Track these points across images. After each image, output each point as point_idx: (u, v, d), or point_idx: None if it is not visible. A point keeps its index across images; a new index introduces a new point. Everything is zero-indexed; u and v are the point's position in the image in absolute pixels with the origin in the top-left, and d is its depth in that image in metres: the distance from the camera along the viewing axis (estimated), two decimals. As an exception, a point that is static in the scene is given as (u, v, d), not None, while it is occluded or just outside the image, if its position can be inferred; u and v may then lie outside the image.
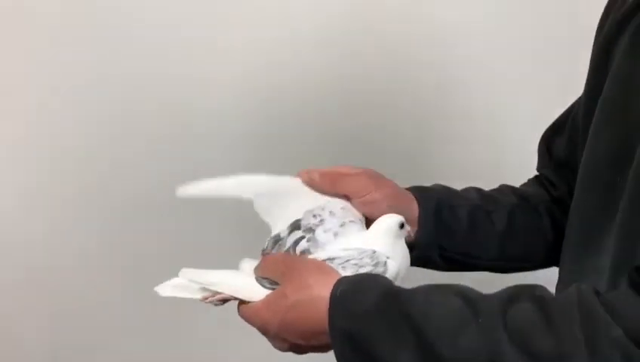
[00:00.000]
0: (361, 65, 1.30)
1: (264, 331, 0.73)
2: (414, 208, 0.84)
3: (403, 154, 1.32)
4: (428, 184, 0.90)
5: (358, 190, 0.81)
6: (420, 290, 0.67)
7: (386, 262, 0.75)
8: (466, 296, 0.65)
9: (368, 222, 0.80)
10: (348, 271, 0.73)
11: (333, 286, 0.69)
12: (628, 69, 0.73)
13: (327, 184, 0.81)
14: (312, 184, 0.81)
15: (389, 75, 1.31)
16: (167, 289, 0.76)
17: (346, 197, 0.82)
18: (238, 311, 0.75)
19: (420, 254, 0.83)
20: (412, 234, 0.81)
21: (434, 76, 1.32)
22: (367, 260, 0.74)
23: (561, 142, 0.92)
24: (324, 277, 0.71)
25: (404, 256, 0.77)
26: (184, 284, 0.76)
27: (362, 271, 0.73)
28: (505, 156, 1.34)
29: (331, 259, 0.74)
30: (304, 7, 1.28)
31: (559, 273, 0.82)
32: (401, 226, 0.77)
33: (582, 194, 0.78)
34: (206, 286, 0.75)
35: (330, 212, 0.79)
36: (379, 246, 0.75)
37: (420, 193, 0.86)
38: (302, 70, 1.28)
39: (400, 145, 1.33)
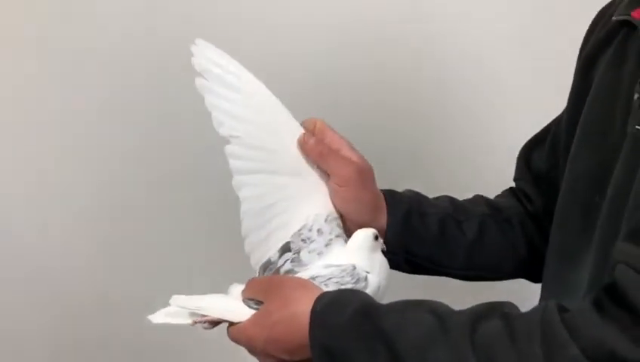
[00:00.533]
0: (362, 65, 1.30)
1: (251, 349, 0.76)
2: (383, 218, 0.85)
3: (402, 154, 1.33)
4: (423, 184, 0.93)
5: (339, 178, 0.82)
6: (395, 307, 0.70)
7: (366, 277, 0.77)
8: (438, 312, 0.67)
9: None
10: (330, 289, 0.75)
11: (314, 302, 0.71)
12: (609, 83, 0.75)
13: (315, 153, 0.81)
14: (303, 147, 0.81)
15: (390, 73, 1.31)
16: (159, 316, 0.79)
17: (326, 174, 0.82)
18: (227, 332, 0.77)
19: (386, 257, 0.83)
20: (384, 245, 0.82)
21: (435, 74, 1.32)
22: (347, 278, 0.76)
23: (540, 155, 0.93)
24: (306, 293, 0.73)
25: (383, 268, 0.80)
26: (175, 311, 0.79)
27: (344, 288, 0.76)
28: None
29: (314, 278, 0.77)
30: (303, 7, 1.28)
31: (542, 287, 0.85)
32: (376, 238, 0.79)
33: (563, 211, 0.80)
34: (195, 311, 0.78)
35: (319, 230, 0.81)
36: (358, 261, 0.78)
37: (391, 197, 0.87)
38: (301, 70, 1.28)
39: (398, 144, 1.33)
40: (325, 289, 0.75)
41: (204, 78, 0.79)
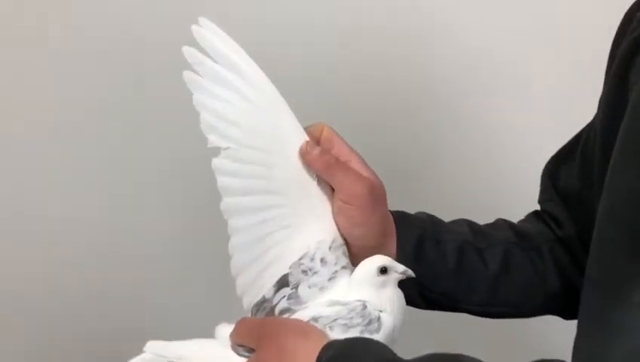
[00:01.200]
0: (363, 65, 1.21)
1: None
2: (392, 244, 0.74)
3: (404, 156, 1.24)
4: (423, 191, 0.82)
5: (346, 195, 0.70)
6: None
7: (379, 317, 0.65)
8: None
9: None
10: (336, 333, 0.64)
11: (318, 355, 0.60)
12: None
13: (320, 165, 0.69)
14: (306, 157, 0.69)
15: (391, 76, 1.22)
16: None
17: (330, 191, 0.70)
18: None
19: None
20: (406, 273, 0.69)
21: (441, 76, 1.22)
22: (357, 319, 0.64)
23: (569, 173, 0.81)
24: (305, 342, 0.62)
25: (398, 305, 0.67)
26: (151, 359, 0.67)
27: (352, 331, 0.64)
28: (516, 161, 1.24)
29: (316, 319, 0.65)
30: (301, 6, 1.19)
31: (579, 325, 0.70)
32: (383, 271, 0.66)
33: (603, 237, 0.66)
34: (174, 361, 0.67)
35: (322, 260, 0.69)
36: (368, 296, 0.66)
37: (402, 220, 0.75)
38: (300, 69, 1.19)
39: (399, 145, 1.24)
40: (330, 333, 0.63)
41: (196, 72, 0.67)
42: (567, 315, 0.81)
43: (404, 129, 1.21)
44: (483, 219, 0.85)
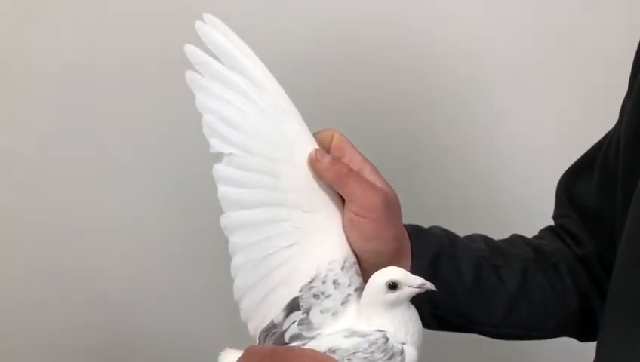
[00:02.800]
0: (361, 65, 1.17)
1: None
2: (406, 261, 0.68)
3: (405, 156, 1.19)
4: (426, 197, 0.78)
5: (360, 207, 0.63)
6: None
7: (402, 351, 0.60)
8: None
9: None
10: None
11: None
12: None
13: (331, 174, 0.63)
14: (315, 165, 0.63)
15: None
16: None
17: (341, 204, 0.65)
18: None
19: None
20: (423, 286, 0.62)
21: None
22: (379, 355, 0.58)
23: (587, 187, 0.77)
24: None
25: (417, 331, 0.61)
26: None
27: None
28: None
29: (333, 351, 0.59)
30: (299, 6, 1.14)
31: (600, 346, 0.67)
32: (392, 287, 0.60)
33: (633, 250, 0.62)
34: None
35: (335, 281, 0.63)
36: (388, 326, 0.60)
37: (417, 235, 0.70)
38: (299, 70, 1.13)
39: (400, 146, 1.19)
40: None
41: (198, 72, 0.62)
42: (583, 337, 0.77)
43: (409, 132, 1.18)
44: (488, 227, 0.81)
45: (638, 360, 0.57)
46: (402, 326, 0.60)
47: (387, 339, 0.59)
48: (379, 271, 0.61)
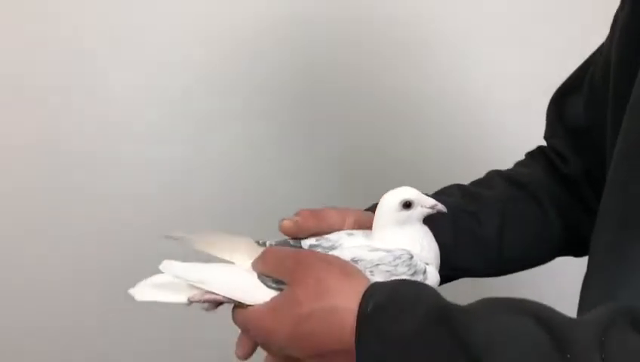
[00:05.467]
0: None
1: (266, 343, 0.59)
2: None
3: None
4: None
5: (338, 221, 0.66)
6: (480, 309, 0.51)
7: (425, 270, 0.60)
8: (545, 319, 0.48)
9: None
10: (377, 279, 0.58)
11: (363, 296, 0.54)
12: None
13: (311, 221, 0.66)
14: (295, 231, 0.65)
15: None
16: (145, 291, 0.59)
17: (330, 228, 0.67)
18: (233, 316, 0.60)
19: None
20: (435, 207, 0.63)
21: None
22: (402, 269, 0.59)
23: (576, 106, 0.77)
24: (348, 282, 0.56)
25: (430, 248, 0.62)
26: (165, 283, 0.59)
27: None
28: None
29: (356, 261, 0.59)
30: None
31: (589, 264, 0.67)
32: (407, 205, 0.60)
33: (622, 168, 0.62)
34: (195, 285, 0.58)
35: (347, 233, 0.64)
36: (412, 246, 0.60)
37: None
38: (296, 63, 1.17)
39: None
40: (371, 278, 0.57)
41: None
42: (577, 254, 0.79)
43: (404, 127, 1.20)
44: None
45: (629, 271, 0.58)
46: (418, 244, 0.61)
47: (412, 256, 0.59)
48: (391, 191, 0.62)
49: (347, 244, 0.61)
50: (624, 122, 0.62)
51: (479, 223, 0.74)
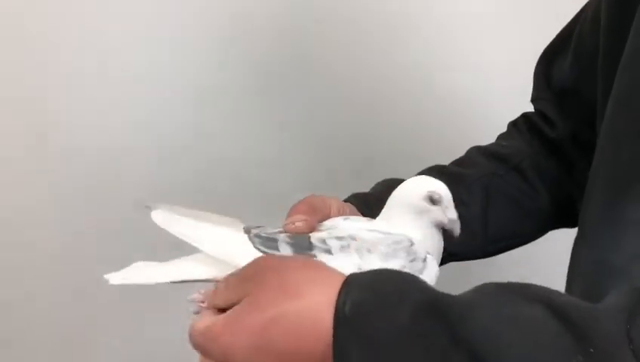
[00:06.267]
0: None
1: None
2: None
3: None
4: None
5: (326, 209, 0.60)
6: (479, 298, 0.43)
7: (425, 259, 0.53)
8: (560, 307, 0.41)
9: None
10: (372, 259, 0.52)
11: (341, 288, 0.45)
12: None
13: (314, 216, 0.58)
14: (306, 231, 0.57)
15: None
16: (117, 276, 0.53)
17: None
18: (190, 335, 0.50)
19: None
20: (453, 225, 0.56)
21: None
22: (401, 253, 0.52)
23: (563, 66, 0.74)
24: (318, 275, 0.47)
25: (439, 248, 0.56)
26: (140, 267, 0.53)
27: (392, 263, 0.52)
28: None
29: (353, 237, 0.52)
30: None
31: (579, 227, 0.63)
32: (434, 201, 0.54)
33: (613, 131, 0.59)
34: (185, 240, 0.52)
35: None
36: (414, 233, 0.54)
37: (365, 206, 0.66)
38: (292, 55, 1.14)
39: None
40: (367, 256, 0.52)
41: None
42: (570, 224, 0.74)
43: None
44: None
45: (620, 232, 0.55)
46: (421, 233, 0.54)
47: (412, 243, 0.53)
48: (424, 176, 0.57)
49: (343, 225, 0.55)
50: (615, 82, 0.59)
51: (462, 204, 0.68)
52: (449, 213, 0.55)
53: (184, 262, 0.55)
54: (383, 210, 0.57)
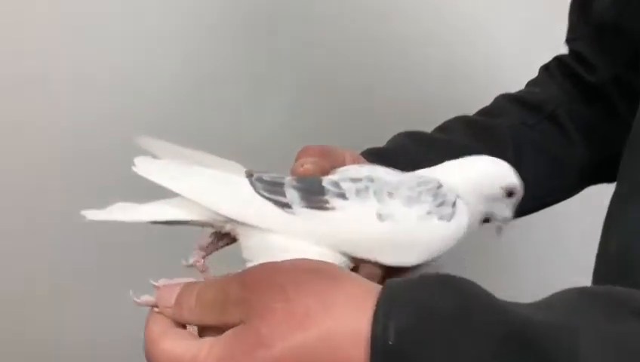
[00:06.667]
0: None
1: None
2: None
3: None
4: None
5: (341, 158, 0.51)
6: (567, 315, 0.33)
7: (455, 203, 0.46)
8: None
9: None
10: (393, 204, 0.44)
11: (375, 313, 0.33)
12: None
13: (326, 159, 0.49)
14: (315, 173, 0.48)
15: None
16: (97, 213, 0.44)
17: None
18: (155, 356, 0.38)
19: None
20: (506, 221, 0.51)
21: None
22: (427, 197, 0.45)
23: (603, 1, 0.66)
24: (339, 289, 0.36)
25: (472, 229, 0.48)
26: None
27: (416, 208, 0.45)
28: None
29: (371, 179, 0.45)
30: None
31: (620, 182, 0.56)
32: (510, 194, 0.49)
33: None
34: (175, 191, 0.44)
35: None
36: (445, 177, 0.47)
37: (376, 160, 0.57)
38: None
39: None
40: (388, 201, 0.44)
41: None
42: (609, 179, 0.65)
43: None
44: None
45: None
46: (473, 197, 0.48)
47: (441, 185, 0.46)
48: (504, 163, 0.50)
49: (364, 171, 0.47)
50: None
51: None
52: (506, 213, 0.50)
53: (169, 203, 0.46)
54: (437, 168, 0.49)
